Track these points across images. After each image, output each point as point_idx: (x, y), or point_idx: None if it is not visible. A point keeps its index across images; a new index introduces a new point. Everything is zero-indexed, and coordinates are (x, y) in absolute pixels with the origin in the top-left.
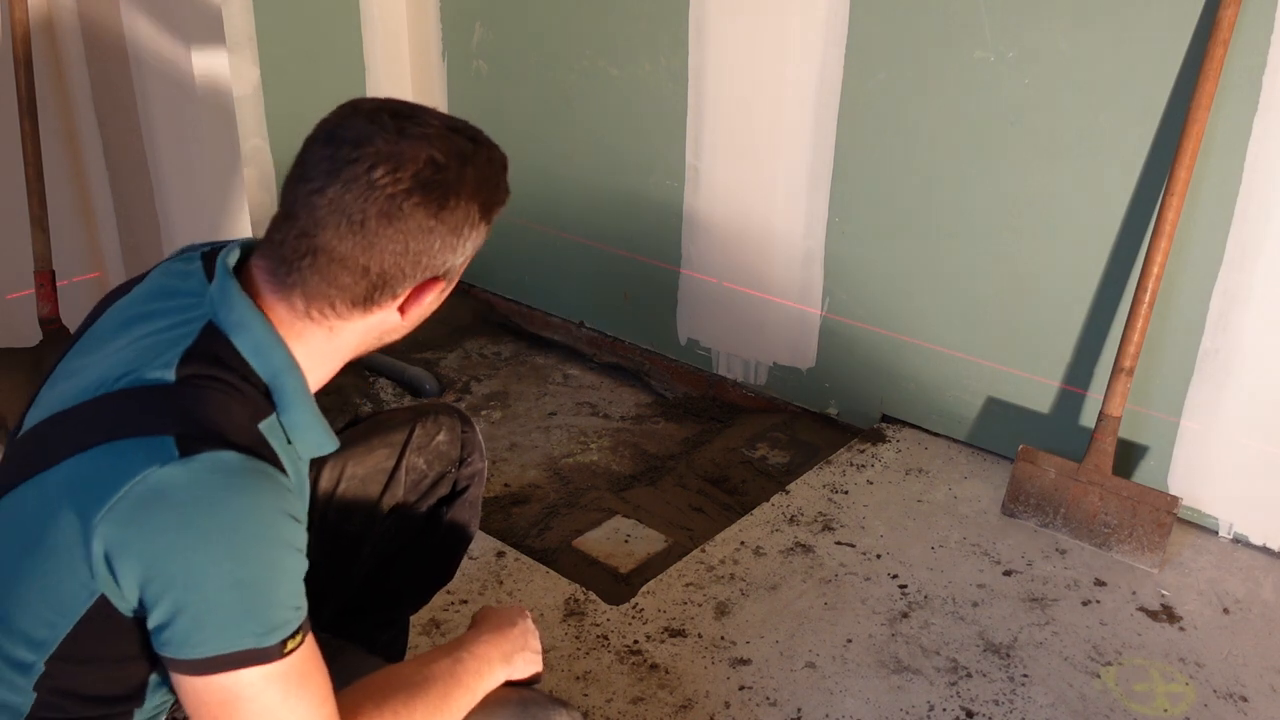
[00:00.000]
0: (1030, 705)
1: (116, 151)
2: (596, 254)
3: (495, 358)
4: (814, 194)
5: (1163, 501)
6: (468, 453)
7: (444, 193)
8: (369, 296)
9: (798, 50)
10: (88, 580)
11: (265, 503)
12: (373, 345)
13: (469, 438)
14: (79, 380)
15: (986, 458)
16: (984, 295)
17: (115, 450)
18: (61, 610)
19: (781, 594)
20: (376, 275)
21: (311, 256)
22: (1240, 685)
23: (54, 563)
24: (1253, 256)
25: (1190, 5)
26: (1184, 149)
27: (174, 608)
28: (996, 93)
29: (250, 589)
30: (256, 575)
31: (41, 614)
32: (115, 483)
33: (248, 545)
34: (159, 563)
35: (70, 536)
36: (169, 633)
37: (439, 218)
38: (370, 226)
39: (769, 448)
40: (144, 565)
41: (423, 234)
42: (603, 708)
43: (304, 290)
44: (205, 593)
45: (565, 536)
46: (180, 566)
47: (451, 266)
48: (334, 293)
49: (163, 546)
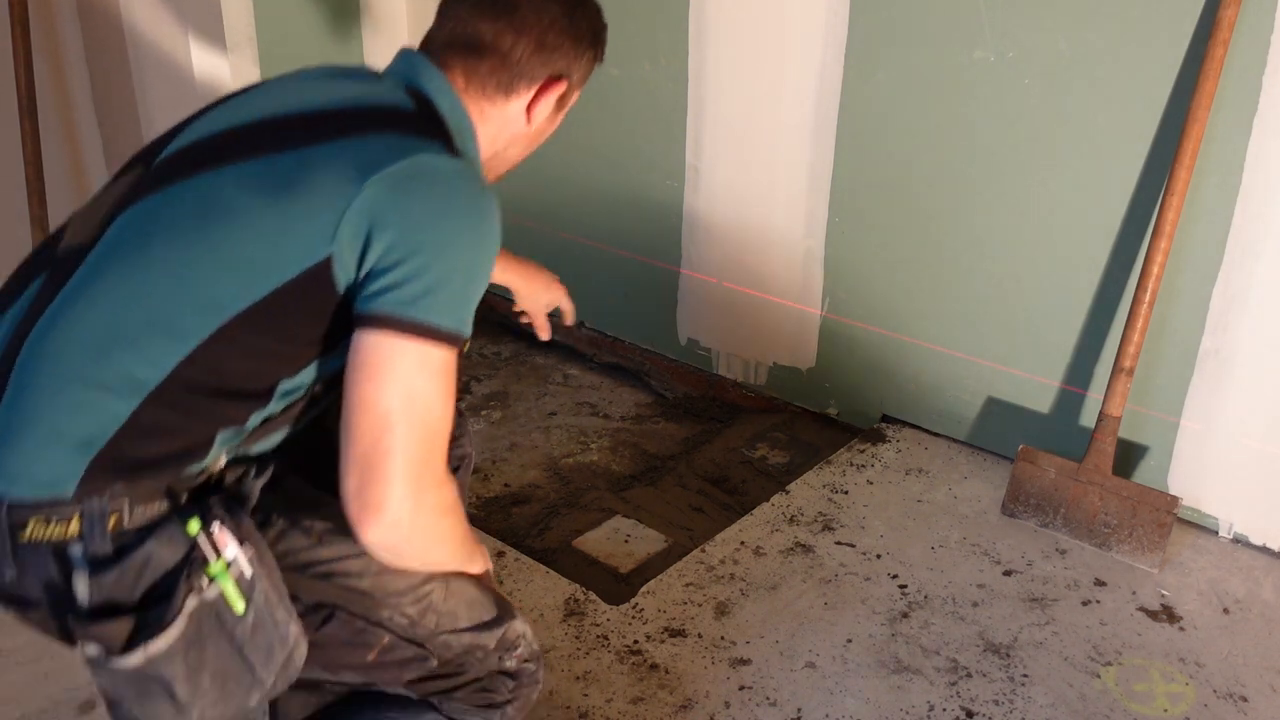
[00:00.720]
0: (1030, 705)
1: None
2: (596, 254)
3: (495, 358)
4: (814, 194)
5: (1163, 501)
6: (457, 433)
7: (575, 7)
8: (510, 84)
9: (798, 50)
10: (324, 241)
11: (498, 221)
12: (503, 148)
13: (458, 421)
14: (296, 100)
15: (986, 458)
16: (984, 295)
17: (393, 138)
18: (269, 270)
19: (781, 594)
20: (516, 62)
21: (468, 41)
22: (1240, 685)
23: (287, 221)
24: (1253, 256)
25: (1190, 5)
26: (1184, 149)
27: (412, 271)
28: (996, 93)
29: (473, 281)
30: (480, 272)
31: (238, 275)
32: (394, 157)
33: (486, 243)
34: (415, 226)
35: (327, 197)
36: (396, 292)
37: (571, 21)
38: (519, 15)
39: (769, 448)
40: (400, 226)
41: (556, 33)
42: (603, 708)
43: (464, 70)
44: (444, 265)
45: (565, 536)
46: (432, 235)
47: (569, 75)
48: (484, 73)
49: (422, 214)
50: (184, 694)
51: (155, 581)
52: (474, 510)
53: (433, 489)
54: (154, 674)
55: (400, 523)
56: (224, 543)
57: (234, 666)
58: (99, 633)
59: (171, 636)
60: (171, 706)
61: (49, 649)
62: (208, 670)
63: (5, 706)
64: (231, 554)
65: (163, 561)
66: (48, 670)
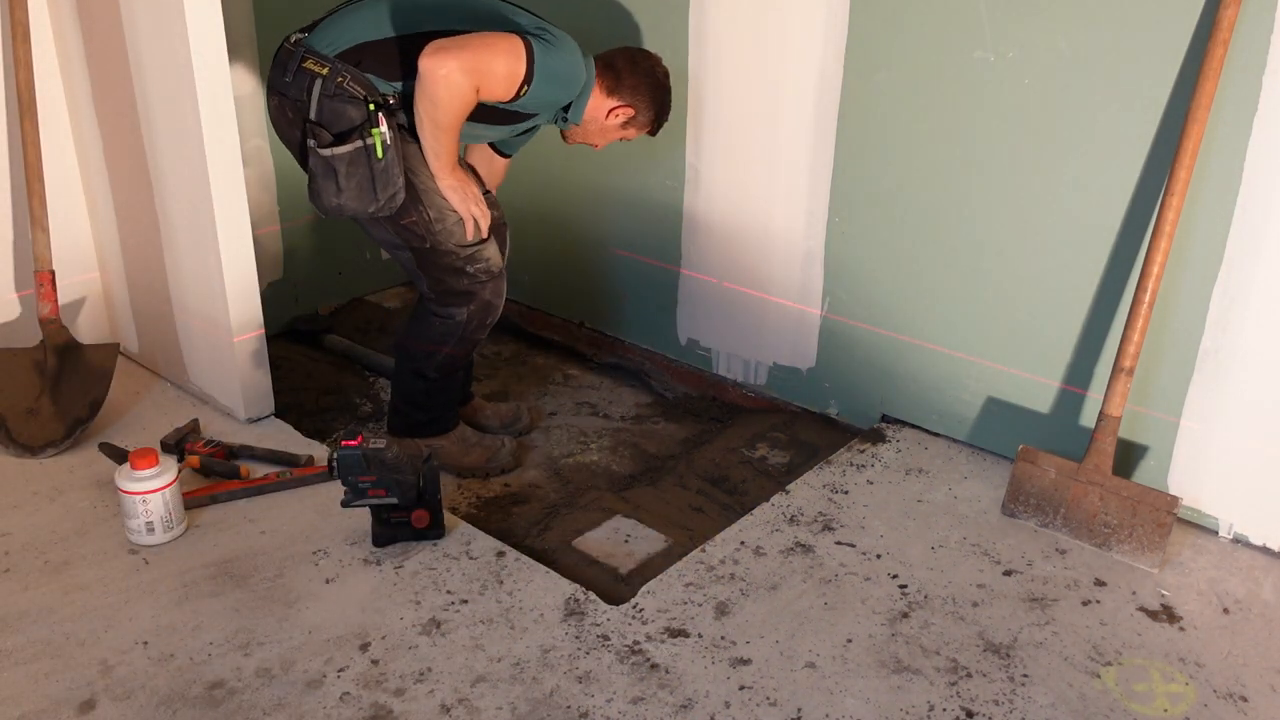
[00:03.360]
0: (1030, 705)
1: (116, 151)
2: (596, 254)
3: (495, 358)
4: (814, 194)
5: (1163, 501)
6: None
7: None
8: (614, 88)
9: (798, 50)
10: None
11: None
12: (589, 121)
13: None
14: None
15: (986, 458)
16: (984, 295)
17: None
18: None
19: (781, 594)
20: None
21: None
22: (1240, 685)
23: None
24: (1253, 256)
25: (1190, 5)
26: (1184, 149)
27: None
28: (996, 93)
29: (559, 69)
30: (562, 71)
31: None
32: None
33: (573, 66)
34: None
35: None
36: None
37: (652, 92)
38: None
39: (769, 448)
40: None
41: (642, 90)
42: (603, 708)
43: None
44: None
45: (565, 536)
46: None
47: (637, 113)
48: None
49: None
50: (343, 182)
51: (346, 125)
52: (474, 510)
53: (461, 79)
54: (332, 165)
55: (437, 70)
56: (382, 122)
57: (366, 184)
58: (316, 131)
59: (345, 150)
60: (334, 186)
61: (49, 649)
62: (355, 179)
63: (5, 706)
64: (384, 129)
65: (353, 116)
66: (48, 670)
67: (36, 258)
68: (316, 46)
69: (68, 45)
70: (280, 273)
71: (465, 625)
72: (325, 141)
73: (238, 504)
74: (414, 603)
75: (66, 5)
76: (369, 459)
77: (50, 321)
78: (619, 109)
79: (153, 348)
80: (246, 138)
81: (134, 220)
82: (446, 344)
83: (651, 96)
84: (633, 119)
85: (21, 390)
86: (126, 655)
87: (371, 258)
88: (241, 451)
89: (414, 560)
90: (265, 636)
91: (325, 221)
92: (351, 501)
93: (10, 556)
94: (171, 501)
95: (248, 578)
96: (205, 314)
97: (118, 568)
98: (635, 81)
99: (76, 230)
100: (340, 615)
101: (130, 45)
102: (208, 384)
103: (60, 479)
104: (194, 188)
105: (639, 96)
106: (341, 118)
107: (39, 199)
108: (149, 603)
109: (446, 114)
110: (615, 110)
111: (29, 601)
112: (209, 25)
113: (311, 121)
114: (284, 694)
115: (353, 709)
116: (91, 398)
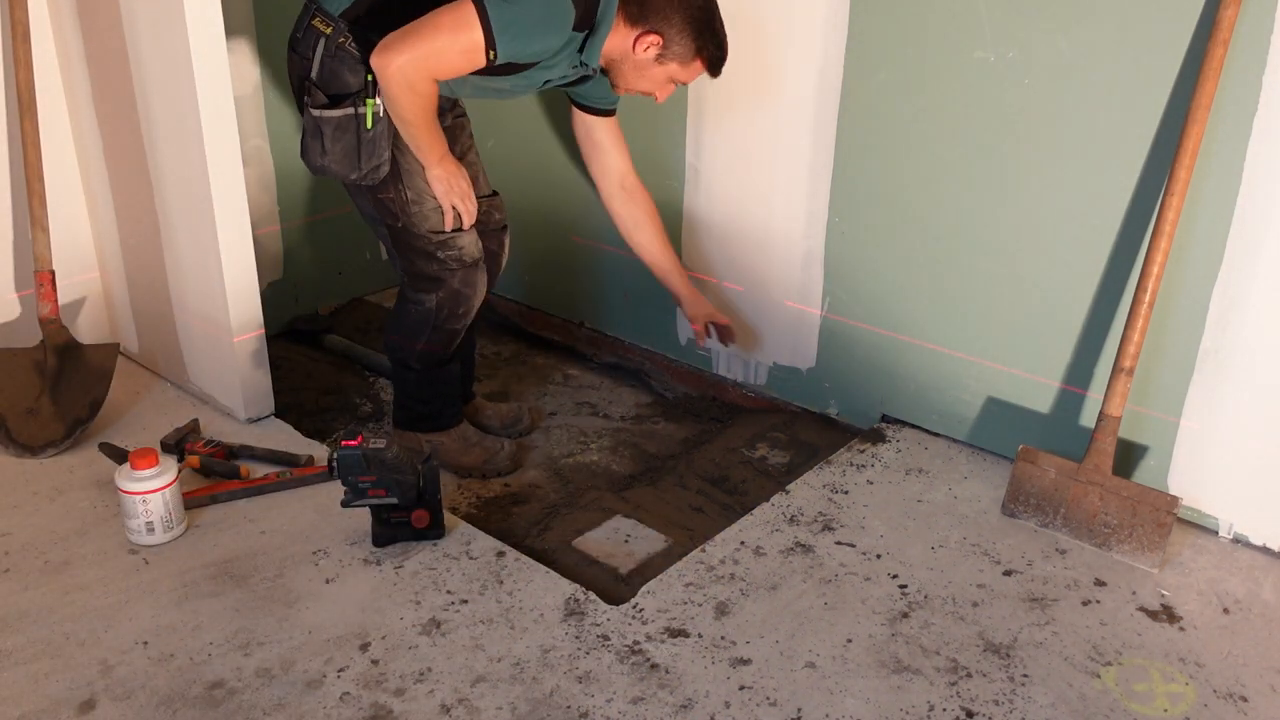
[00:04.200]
0: (1030, 705)
1: (116, 151)
2: (596, 254)
3: (495, 358)
4: (814, 194)
5: (1163, 501)
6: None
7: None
8: (639, 16)
9: (798, 50)
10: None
11: (567, 12)
12: (622, 61)
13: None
14: None
15: (986, 458)
16: (984, 295)
17: None
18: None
19: (781, 594)
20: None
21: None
22: (1240, 685)
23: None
24: (1253, 256)
25: (1190, 5)
26: (1184, 149)
27: None
28: (996, 93)
29: (533, 24)
30: (536, 26)
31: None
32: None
33: (555, 15)
34: None
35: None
36: None
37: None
38: None
39: (769, 448)
40: None
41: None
42: (603, 708)
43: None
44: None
45: (565, 536)
46: None
47: (668, 42)
48: (630, 2)
49: None
50: (328, 145)
51: (342, 88)
52: (474, 510)
53: (411, 74)
54: (321, 125)
55: (385, 69)
56: (379, 94)
57: (351, 151)
58: (312, 90)
59: (335, 114)
60: (320, 147)
61: (49, 649)
62: (341, 144)
63: (5, 706)
64: (379, 101)
65: (349, 81)
66: (48, 670)
67: (36, 258)
68: (325, 5)
69: (68, 45)
70: (280, 273)
71: (465, 625)
72: (319, 102)
73: (238, 504)
74: (414, 603)
75: (66, 5)
76: (369, 459)
77: (50, 321)
78: (644, 37)
79: (153, 348)
80: (246, 138)
81: (134, 220)
82: (421, 334)
83: (685, 18)
84: (665, 49)
85: (21, 390)
86: (126, 655)
87: (371, 258)
88: (241, 451)
89: (414, 560)
90: (265, 636)
91: (325, 221)
92: (351, 501)
93: (10, 556)
94: (171, 501)
95: (248, 578)
96: (205, 314)
97: (118, 568)
98: (661, 3)
99: (76, 230)
100: (340, 615)
101: (130, 45)
102: (208, 384)
103: (60, 479)
104: (194, 188)
105: (666, 22)
106: (339, 79)
107: (39, 199)
108: (149, 603)
109: (408, 109)
110: (641, 40)
111: (29, 601)
112: (209, 25)
113: (310, 79)
114: (284, 694)
115: (353, 709)
116: (91, 398)
